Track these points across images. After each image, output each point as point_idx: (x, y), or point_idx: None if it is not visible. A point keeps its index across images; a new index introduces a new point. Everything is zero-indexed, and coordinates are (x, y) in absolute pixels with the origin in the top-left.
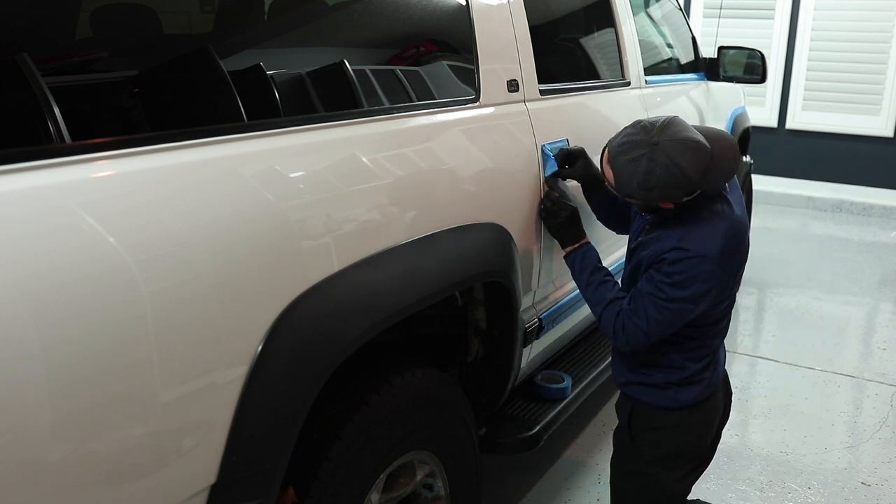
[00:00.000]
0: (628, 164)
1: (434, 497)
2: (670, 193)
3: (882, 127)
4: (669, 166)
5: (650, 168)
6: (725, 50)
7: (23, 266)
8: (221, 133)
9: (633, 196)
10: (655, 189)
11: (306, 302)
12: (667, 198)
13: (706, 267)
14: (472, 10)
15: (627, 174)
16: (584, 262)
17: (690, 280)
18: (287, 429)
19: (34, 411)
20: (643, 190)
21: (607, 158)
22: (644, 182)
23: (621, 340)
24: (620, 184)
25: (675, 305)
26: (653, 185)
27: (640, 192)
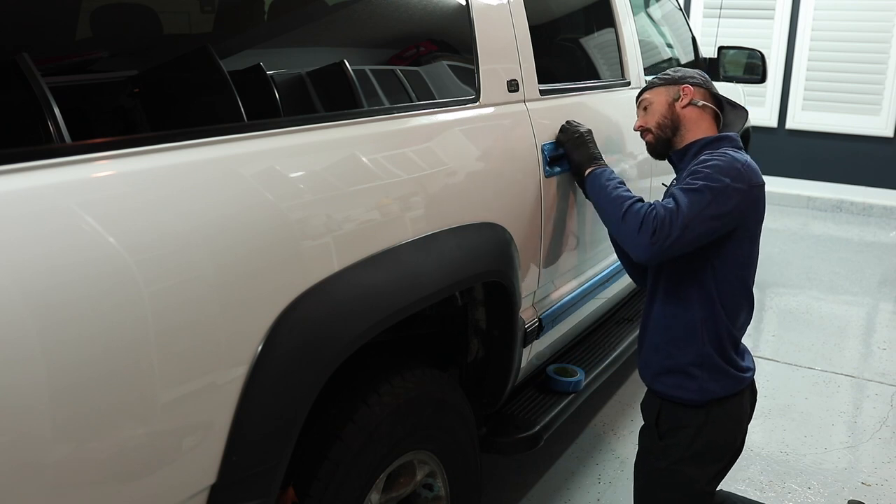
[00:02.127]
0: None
1: (434, 497)
2: (692, 75)
3: (882, 127)
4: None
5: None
6: (725, 50)
7: (23, 266)
8: (221, 133)
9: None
10: (680, 71)
11: (306, 302)
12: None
13: (735, 168)
14: (472, 10)
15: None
16: (602, 178)
17: (719, 175)
18: (287, 429)
19: (34, 411)
20: (672, 72)
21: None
22: (674, 69)
23: (645, 234)
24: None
25: (705, 195)
26: (678, 70)
27: (668, 72)
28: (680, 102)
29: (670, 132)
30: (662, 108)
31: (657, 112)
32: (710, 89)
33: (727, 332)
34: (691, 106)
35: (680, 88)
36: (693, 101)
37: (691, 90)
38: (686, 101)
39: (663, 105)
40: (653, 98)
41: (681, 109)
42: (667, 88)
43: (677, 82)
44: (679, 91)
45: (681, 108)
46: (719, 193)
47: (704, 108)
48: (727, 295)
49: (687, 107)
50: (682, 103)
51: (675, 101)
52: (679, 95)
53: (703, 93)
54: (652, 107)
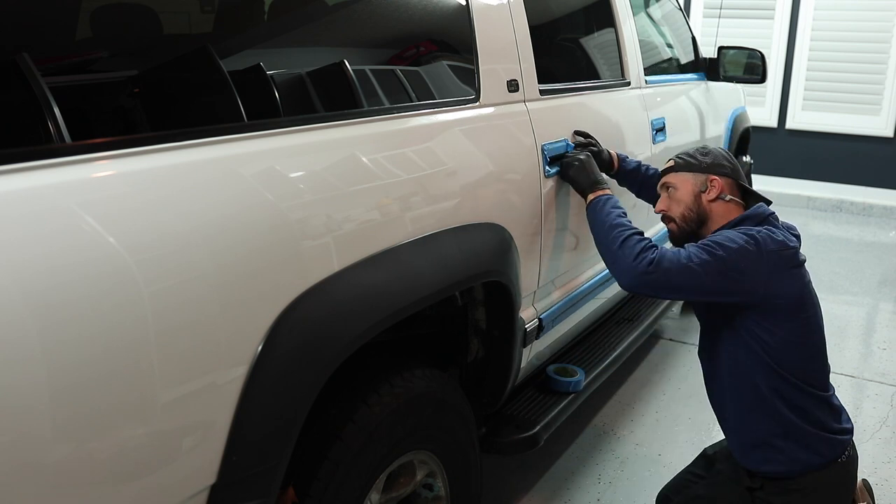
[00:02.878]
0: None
1: (434, 497)
2: (721, 163)
3: (882, 127)
4: (720, 149)
5: (707, 146)
6: (725, 50)
7: (23, 266)
8: (221, 133)
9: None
10: (710, 156)
11: (306, 302)
12: (717, 167)
13: (749, 232)
14: (472, 10)
15: (687, 151)
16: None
17: (731, 236)
18: (287, 429)
19: (34, 411)
20: (700, 155)
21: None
22: (700, 149)
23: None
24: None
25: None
26: (707, 153)
27: (696, 155)
28: (707, 195)
29: (695, 225)
30: (688, 199)
31: (682, 202)
32: (738, 179)
33: (808, 396)
34: (719, 200)
35: (708, 179)
36: (721, 196)
37: (720, 183)
38: (714, 194)
39: (689, 195)
40: (678, 184)
41: (708, 203)
42: (694, 177)
43: (706, 171)
44: (707, 182)
45: (708, 201)
46: (730, 250)
47: (734, 203)
48: (791, 365)
49: (715, 201)
50: (710, 196)
51: (701, 192)
52: (707, 188)
53: (731, 185)
54: (676, 193)
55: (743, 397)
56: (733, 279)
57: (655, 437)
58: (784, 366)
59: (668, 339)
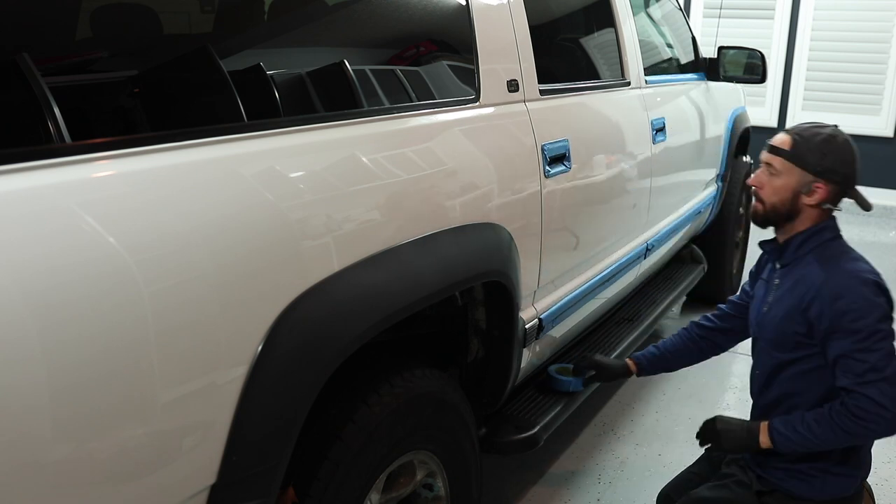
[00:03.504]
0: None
1: (434, 497)
2: (836, 170)
3: (882, 127)
4: (850, 142)
5: (835, 134)
6: (725, 50)
7: (23, 266)
8: (221, 133)
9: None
10: (829, 159)
11: (306, 302)
12: (829, 174)
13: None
14: (472, 10)
15: (811, 129)
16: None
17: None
18: (287, 429)
19: (34, 411)
20: (821, 152)
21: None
22: (826, 141)
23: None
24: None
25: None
26: (829, 151)
27: (816, 151)
28: (808, 199)
29: (784, 217)
30: (786, 195)
31: (778, 194)
32: (846, 189)
33: None
34: (817, 207)
35: (814, 184)
36: (820, 204)
37: (825, 191)
38: (814, 202)
39: (788, 191)
40: (783, 171)
41: (805, 202)
42: (802, 174)
43: (817, 175)
44: (812, 186)
45: (805, 204)
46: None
47: (825, 210)
48: None
49: (813, 206)
50: (810, 202)
51: (802, 193)
52: (810, 191)
53: (834, 193)
54: (776, 181)
55: None
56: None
57: (655, 437)
58: None
59: None
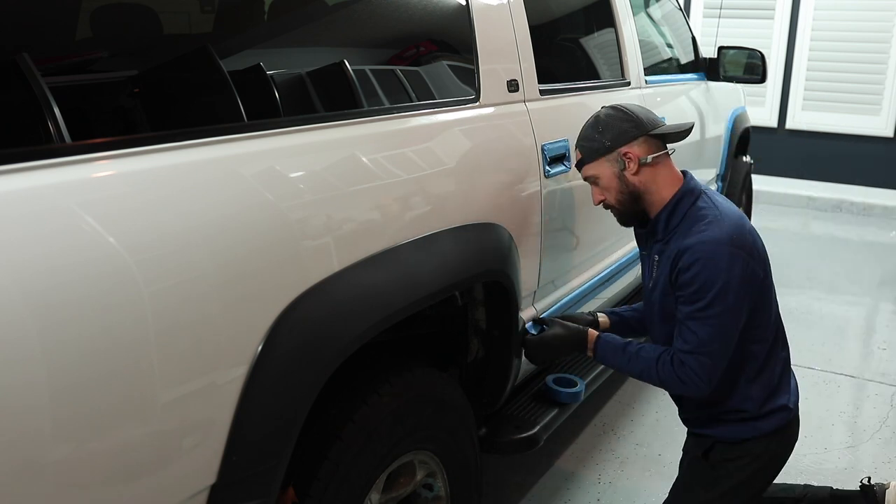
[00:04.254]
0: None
1: (434, 497)
2: (622, 129)
3: (882, 127)
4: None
5: (597, 114)
6: (725, 50)
7: (23, 266)
8: (221, 133)
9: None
10: (608, 130)
11: (306, 302)
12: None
13: (722, 252)
14: (472, 10)
15: (583, 132)
16: (608, 348)
17: (714, 274)
18: (287, 429)
19: (34, 411)
20: (597, 134)
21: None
22: (594, 125)
23: (694, 385)
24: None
25: (715, 310)
26: (602, 127)
27: (595, 137)
28: (629, 170)
29: (633, 204)
30: (614, 183)
31: (609, 188)
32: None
33: (760, 370)
34: (643, 167)
35: (621, 155)
36: (642, 162)
37: (634, 152)
38: (634, 167)
39: (612, 178)
40: (596, 172)
41: (633, 177)
42: (606, 160)
43: (611, 149)
44: (621, 158)
45: (632, 175)
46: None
47: (657, 163)
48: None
49: (638, 172)
50: (632, 170)
51: (622, 170)
52: (624, 164)
53: (644, 144)
54: (601, 182)
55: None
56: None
57: (655, 437)
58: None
59: None
